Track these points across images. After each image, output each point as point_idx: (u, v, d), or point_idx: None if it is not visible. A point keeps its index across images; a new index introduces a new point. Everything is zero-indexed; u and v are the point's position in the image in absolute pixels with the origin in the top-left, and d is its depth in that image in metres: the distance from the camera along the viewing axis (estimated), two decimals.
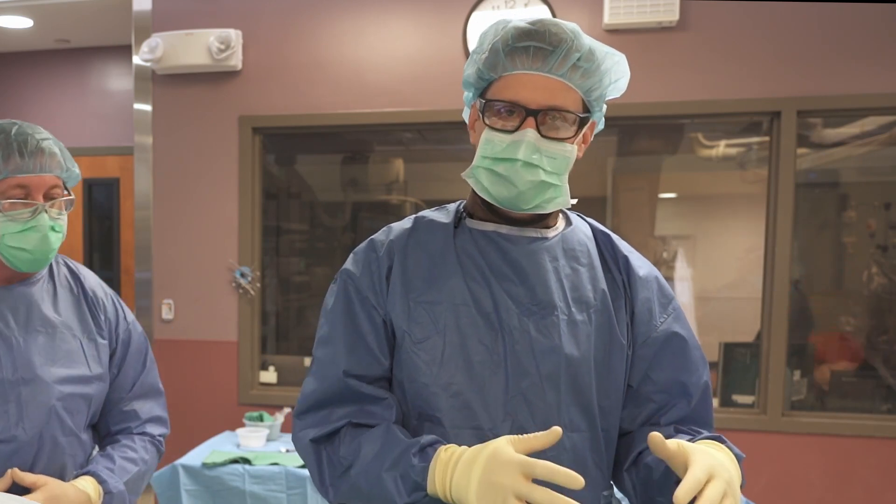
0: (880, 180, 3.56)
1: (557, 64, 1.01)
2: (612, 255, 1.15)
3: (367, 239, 1.15)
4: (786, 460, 3.01)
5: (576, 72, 1.02)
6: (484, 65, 1.05)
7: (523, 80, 1.02)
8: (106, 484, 1.37)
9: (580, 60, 1.01)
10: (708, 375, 1.13)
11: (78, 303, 1.46)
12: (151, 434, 1.52)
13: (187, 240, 3.50)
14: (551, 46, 1.01)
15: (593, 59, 1.02)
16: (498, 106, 1.03)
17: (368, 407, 1.06)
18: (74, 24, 3.91)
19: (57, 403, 1.34)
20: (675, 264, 3.88)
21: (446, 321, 1.06)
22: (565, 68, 1.01)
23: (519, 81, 1.02)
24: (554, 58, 1.01)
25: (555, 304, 1.06)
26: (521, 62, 1.02)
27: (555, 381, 1.05)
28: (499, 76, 1.04)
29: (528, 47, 1.01)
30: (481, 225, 1.12)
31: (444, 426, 1.04)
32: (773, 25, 2.95)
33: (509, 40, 1.02)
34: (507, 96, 1.03)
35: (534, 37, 1.01)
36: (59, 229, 1.36)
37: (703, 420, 1.12)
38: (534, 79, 1.02)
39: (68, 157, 1.39)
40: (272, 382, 3.49)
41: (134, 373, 1.51)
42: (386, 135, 3.74)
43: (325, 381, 1.08)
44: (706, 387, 1.12)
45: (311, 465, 1.08)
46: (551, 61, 1.01)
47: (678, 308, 1.15)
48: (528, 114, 1.01)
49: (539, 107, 1.01)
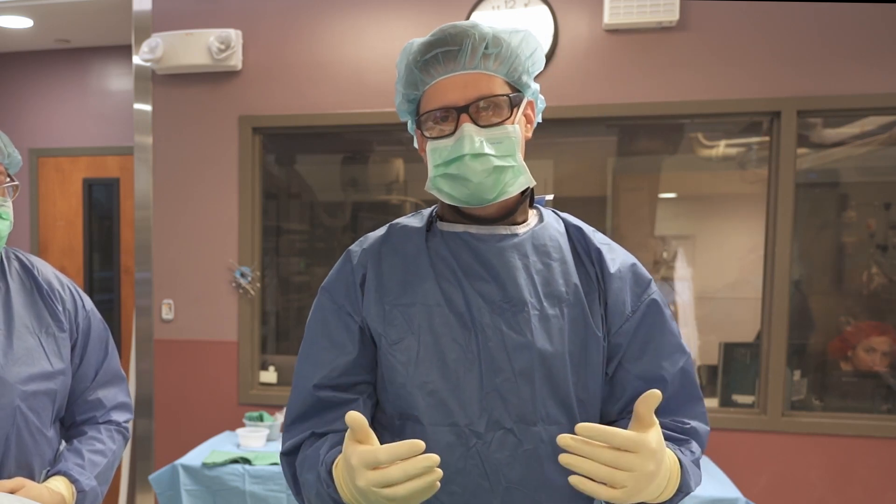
0: (880, 180, 3.56)
1: (468, 59, 1.06)
2: (585, 248, 1.16)
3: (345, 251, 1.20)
4: (786, 460, 3.01)
5: (489, 59, 1.06)
6: (405, 87, 1.11)
7: (444, 85, 1.07)
8: (78, 483, 1.37)
9: (488, 48, 1.06)
10: (687, 362, 1.13)
11: (32, 297, 1.42)
12: (117, 422, 1.51)
13: (187, 240, 3.50)
14: (456, 46, 1.05)
15: (500, 42, 1.07)
16: (431, 116, 1.08)
17: (333, 414, 1.10)
18: (74, 24, 3.91)
19: (21, 403, 1.32)
20: (675, 264, 3.87)
21: (420, 322, 1.09)
22: (477, 59, 1.06)
23: (441, 87, 1.07)
24: (463, 55, 1.05)
25: (525, 300, 1.08)
26: (435, 71, 1.07)
27: (529, 376, 1.06)
28: (422, 92, 1.10)
29: (436, 55, 1.06)
30: (452, 227, 1.15)
31: (423, 424, 1.07)
32: (774, 25, 2.95)
33: (418, 56, 1.08)
34: (435, 104, 1.07)
35: (437, 45, 1.06)
36: (6, 216, 1.33)
37: (683, 407, 1.12)
38: (453, 80, 1.07)
39: (8, 143, 1.37)
40: (272, 382, 3.49)
41: (96, 361, 1.50)
42: (386, 135, 3.74)
43: (300, 396, 1.13)
44: (683, 373, 1.12)
45: (286, 476, 1.13)
46: (462, 59, 1.06)
47: (656, 296, 1.15)
48: (459, 112, 1.06)
49: (467, 101, 1.05)
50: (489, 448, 1.05)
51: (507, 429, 1.06)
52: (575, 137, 3.73)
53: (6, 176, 1.35)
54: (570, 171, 3.85)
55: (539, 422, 1.06)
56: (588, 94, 3.09)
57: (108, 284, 4.31)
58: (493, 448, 1.06)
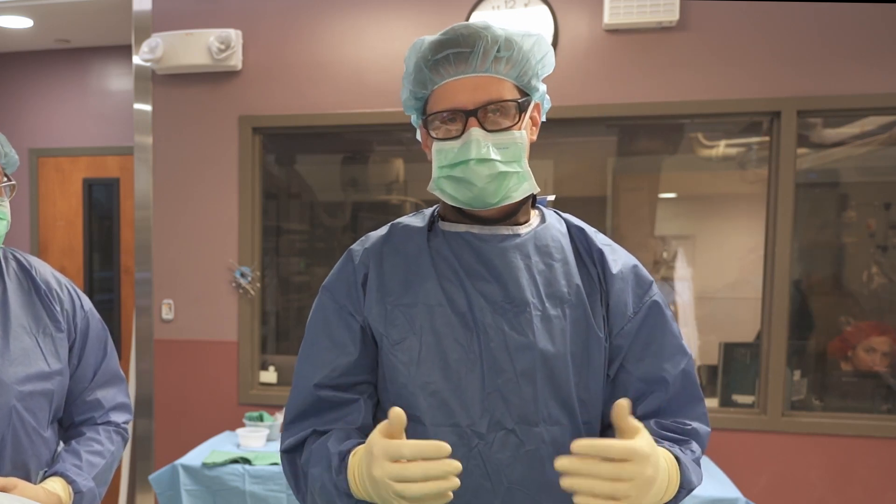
0: (880, 180, 3.56)
1: (480, 61, 1.05)
2: (587, 249, 1.16)
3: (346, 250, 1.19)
4: (786, 460, 3.01)
5: (500, 63, 1.06)
6: (414, 85, 1.11)
7: (454, 86, 1.07)
8: (75, 483, 1.36)
9: (500, 51, 1.05)
10: (688, 363, 1.13)
11: (30, 298, 1.42)
12: (116, 422, 1.51)
13: (187, 240, 3.50)
14: (468, 48, 1.05)
15: (512, 45, 1.06)
16: (439, 117, 1.08)
17: (334, 414, 1.10)
18: (74, 24, 3.91)
19: (17, 404, 1.32)
20: (675, 264, 3.87)
21: (422, 322, 1.09)
22: (488, 63, 1.05)
23: (451, 89, 1.07)
24: (474, 57, 1.05)
25: (527, 300, 1.08)
26: (445, 71, 1.07)
27: (530, 377, 1.06)
28: (431, 91, 1.09)
29: (447, 56, 1.06)
30: (454, 226, 1.15)
31: (425, 424, 1.07)
32: (773, 25, 2.95)
33: (428, 55, 1.07)
34: (443, 105, 1.07)
35: (449, 45, 1.06)
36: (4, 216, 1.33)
37: (684, 408, 1.12)
38: (463, 82, 1.06)
39: (5, 143, 1.36)
40: (272, 382, 3.49)
41: (95, 361, 1.49)
42: (386, 135, 3.74)
43: (300, 395, 1.13)
44: (684, 374, 1.12)
45: (287, 474, 1.13)
46: (473, 61, 1.05)
47: (658, 297, 1.15)
48: (467, 115, 1.05)
49: (476, 105, 1.05)
50: (491, 448, 1.05)
51: (509, 429, 1.06)
52: (575, 137, 3.73)
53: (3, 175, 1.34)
54: (570, 171, 3.85)
55: (541, 422, 1.06)
56: (588, 94, 3.09)
57: (108, 284, 4.31)
58: (495, 449, 1.05)
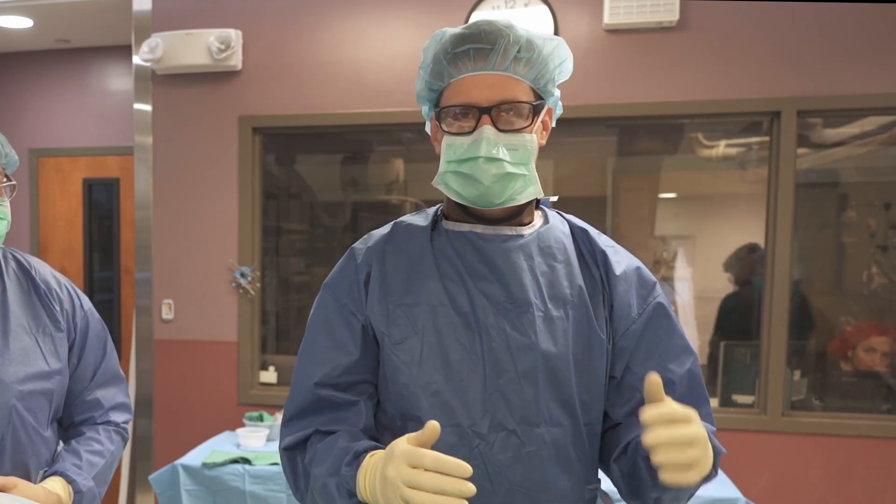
0: (880, 180, 3.56)
1: (499, 60, 1.04)
2: (590, 250, 1.16)
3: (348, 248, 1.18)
4: (786, 460, 3.01)
5: (519, 63, 1.05)
6: (430, 76, 1.09)
7: (471, 81, 1.06)
8: (75, 483, 1.36)
9: (520, 52, 1.05)
10: (694, 363, 1.13)
11: (29, 297, 1.42)
12: (116, 422, 1.51)
13: (187, 240, 3.50)
14: (489, 45, 1.04)
15: (533, 48, 1.06)
16: (452, 111, 1.07)
17: (336, 414, 1.10)
18: (74, 24, 3.91)
19: (17, 403, 1.32)
20: (675, 264, 3.87)
21: (424, 322, 1.08)
22: (507, 62, 1.05)
23: (467, 84, 1.06)
24: (494, 55, 1.04)
25: (530, 301, 1.08)
26: (464, 66, 1.06)
27: (532, 377, 1.06)
28: (447, 84, 1.08)
29: (467, 50, 1.05)
30: (457, 226, 1.14)
31: None
32: (773, 26, 2.95)
33: (448, 48, 1.06)
34: (458, 100, 1.06)
35: (470, 39, 1.05)
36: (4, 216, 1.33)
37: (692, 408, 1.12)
38: (480, 78, 1.05)
39: (5, 143, 1.36)
40: (272, 382, 3.49)
41: (95, 361, 1.49)
42: (386, 135, 3.74)
43: (300, 393, 1.12)
44: (691, 375, 1.12)
45: (286, 472, 1.12)
46: (493, 58, 1.04)
47: (661, 298, 1.15)
48: (481, 112, 1.05)
49: (490, 104, 1.04)
50: (492, 449, 1.05)
51: (510, 430, 1.05)
52: (575, 137, 3.73)
53: (3, 175, 1.34)
54: (570, 171, 3.85)
55: (542, 423, 1.06)
56: (588, 94, 3.09)
57: (108, 284, 4.31)
58: (496, 449, 1.05)
